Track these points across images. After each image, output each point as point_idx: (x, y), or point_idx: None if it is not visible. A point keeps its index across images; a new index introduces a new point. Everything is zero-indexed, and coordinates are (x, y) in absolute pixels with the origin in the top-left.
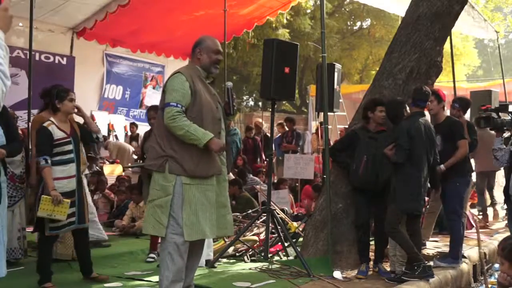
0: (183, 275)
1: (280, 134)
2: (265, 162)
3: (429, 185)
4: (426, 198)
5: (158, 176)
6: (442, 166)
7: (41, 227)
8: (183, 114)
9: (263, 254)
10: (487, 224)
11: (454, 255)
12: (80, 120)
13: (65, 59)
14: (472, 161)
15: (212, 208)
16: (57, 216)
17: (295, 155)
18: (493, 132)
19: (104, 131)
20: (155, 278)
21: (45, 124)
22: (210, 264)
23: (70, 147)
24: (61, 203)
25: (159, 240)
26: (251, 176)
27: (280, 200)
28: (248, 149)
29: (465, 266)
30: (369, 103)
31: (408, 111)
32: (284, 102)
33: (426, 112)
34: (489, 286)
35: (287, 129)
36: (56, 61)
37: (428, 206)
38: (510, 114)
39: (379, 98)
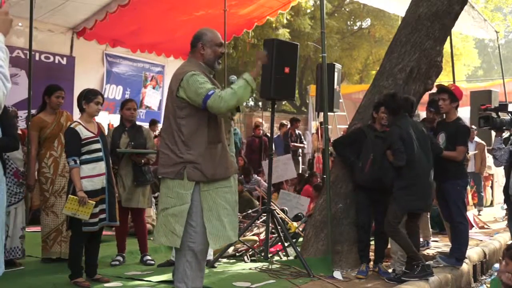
0: (202, 281)
1: (278, 134)
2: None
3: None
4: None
5: (173, 183)
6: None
7: (73, 224)
8: (221, 91)
9: (263, 254)
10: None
11: (460, 256)
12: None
13: (65, 59)
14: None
15: (233, 211)
16: (80, 216)
17: (273, 160)
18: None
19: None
20: (155, 278)
21: (72, 125)
22: (210, 264)
23: (98, 145)
24: (86, 204)
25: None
26: (255, 176)
27: (299, 206)
28: (253, 149)
29: (465, 266)
30: (375, 104)
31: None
32: (284, 102)
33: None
34: (489, 286)
35: (288, 128)
36: (56, 61)
37: None
38: (509, 114)
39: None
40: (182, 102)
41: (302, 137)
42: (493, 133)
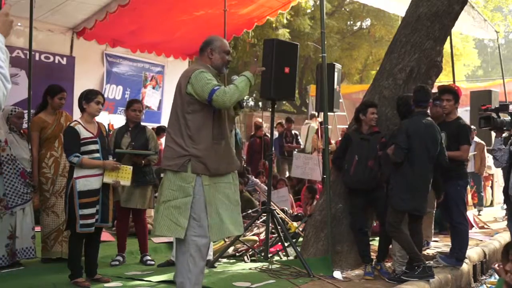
0: (203, 277)
1: (278, 134)
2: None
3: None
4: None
5: (175, 176)
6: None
7: (72, 225)
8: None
9: (263, 254)
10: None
11: (460, 257)
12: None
13: (65, 59)
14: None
15: (232, 206)
16: (122, 182)
17: (305, 155)
18: None
19: None
20: (155, 278)
21: (71, 124)
22: (210, 264)
23: (96, 146)
24: (119, 169)
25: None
26: (252, 177)
27: (280, 199)
28: (255, 149)
29: (465, 266)
30: (361, 106)
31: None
32: (284, 102)
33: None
34: (489, 286)
35: (284, 128)
36: (56, 61)
37: None
38: (509, 115)
39: (370, 100)
40: (190, 98)
41: (299, 137)
42: (493, 133)
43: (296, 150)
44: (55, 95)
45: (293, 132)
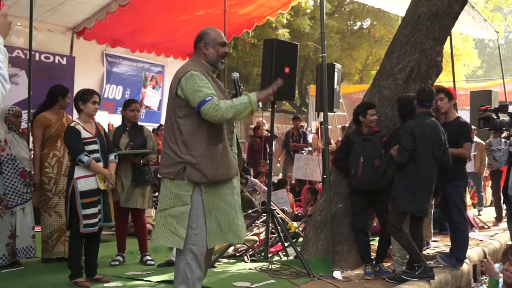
0: (201, 284)
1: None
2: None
3: None
4: None
5: (171, 184)
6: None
7: (73, 225)
8: (220, 100)
9: (263, 254)
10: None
11: (460, 257)
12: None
13: (65, 59)
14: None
15: (232, 212)
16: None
17: (306, 156)
18: None
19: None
20: (155, 278)
21: (72, 125)
22: (210, 264)
23: (95, 146)
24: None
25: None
26: (251, 178)
27: (279, 201)
28: (255, 149)
29: (465, 266)
30: (360, 107)
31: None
32: (284, 102)
33: None
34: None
35: (291, 127)
36: (56, 61)
37: None
38: (509, 115)
39: (369, 101)
40: (181, 101)
41: (307, 136)
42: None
43: (303, 149)
44: (66, 95)
45: (300, 130)
